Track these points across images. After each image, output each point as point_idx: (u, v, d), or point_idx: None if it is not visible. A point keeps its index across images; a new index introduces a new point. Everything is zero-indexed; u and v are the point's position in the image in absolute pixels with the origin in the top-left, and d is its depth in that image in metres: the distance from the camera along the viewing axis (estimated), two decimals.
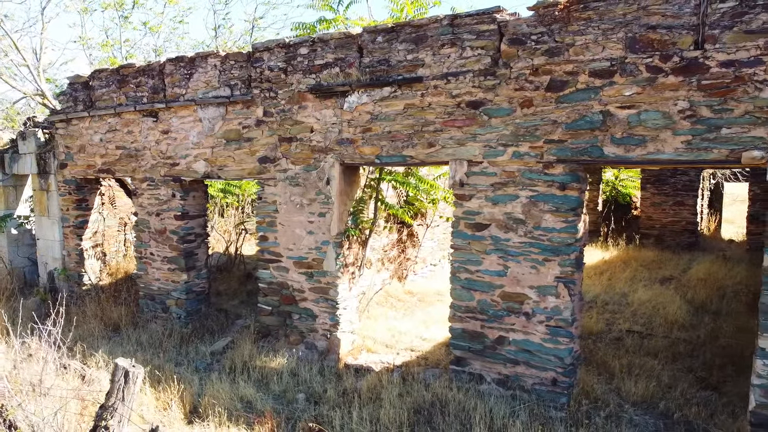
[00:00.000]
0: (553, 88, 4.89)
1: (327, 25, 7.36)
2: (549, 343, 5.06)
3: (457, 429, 4.81)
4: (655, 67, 4.45)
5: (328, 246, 6.30)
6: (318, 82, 6.22)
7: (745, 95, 4.14)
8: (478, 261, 5.37)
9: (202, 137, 7.23)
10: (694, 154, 4.34)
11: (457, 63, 5.35)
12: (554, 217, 4.97)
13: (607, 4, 4.62)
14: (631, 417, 4.98)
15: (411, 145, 5.67)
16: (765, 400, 4.19)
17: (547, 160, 4.96)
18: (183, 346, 7.29)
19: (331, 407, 5.34)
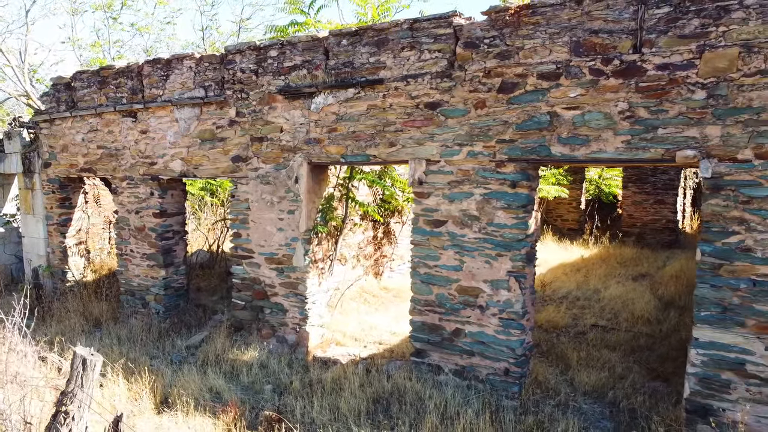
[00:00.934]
0: (505, 90, 5.09)
1: (299, 28, 7.56)
2: (502, 335, 5.26)
3: (412, 417, 5.02)
4: (597, 69, 4.65)
5: (297, 242, 6.51)
6: (287, 84, 6.42)
7: (679, 97, 4.34)
8: (436, 256, 5.57)
9: (179, 137, 7.43)
10: (633, 153, 4.54)
11: (416, 65, 5.55)
12: (506, 214, 5.17)
13: (553, 9, 4.82)
14: (580, 406, 5.19)
15: (374, 144, 5.87)
16: (698, 388, 4.39)
17: (499, 159, 5.16)
18: (160, 341, 7.50)
19: (295, 397, 5.54)
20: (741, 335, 4.21)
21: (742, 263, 4.18)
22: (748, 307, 4.17)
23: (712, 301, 4.30)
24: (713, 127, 4.22)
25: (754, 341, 4.17)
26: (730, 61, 4.14)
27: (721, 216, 4.23)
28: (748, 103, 4.10)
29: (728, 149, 4.18)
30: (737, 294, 4.20)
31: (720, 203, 4.23)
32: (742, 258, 4.17)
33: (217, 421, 5.18)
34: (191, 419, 5.28)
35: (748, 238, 4.14)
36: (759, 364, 4.16)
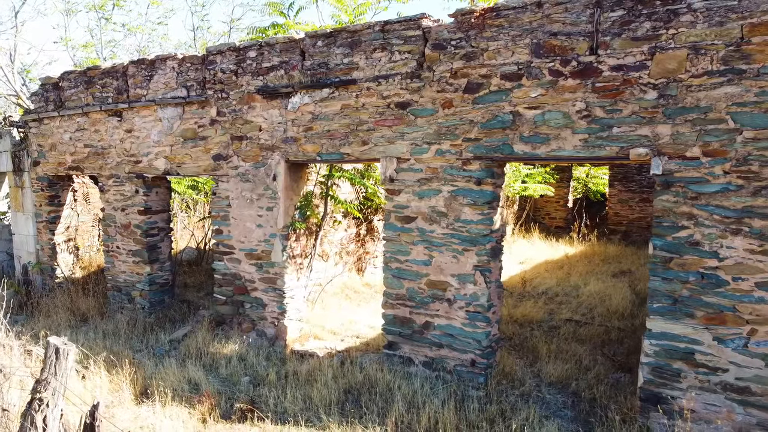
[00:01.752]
0: (470, 90, 5.26)
1: (280, 30, 7.72)
2: (468, 328, 5.43)
3: (381, 406, 5.19)
4: (557, 70, 4.82)
5: (275, 238, 6.68)
6: (265, 84, 6.58)
7: (632, 97, 4.51)
8: (407, 251, 5.74)
9: (162, 136, 7.60)
10: (590, 151, 4.71)
11: (387, 66, 5.72)
12: (472, 210, 5.34)
13: (516, 12, 4.98)
14: (543, 396, 5.36)
15: (347, 143, 6.04)
16: (651, 377, 4.56)
17: (465, 157, 5.33)
18: (145, 335, 7.67)
19: (270, 389, 5.71)
20: (690, 326, 4.38)
21: (691, 257, 4.35)
22: (696, 299, 4.34)
23: (663, 294, 4.47)
24: (664, 126, 4.39)
25: (703, 332, 4.34)
26: (679, 63, 4.30)
27: (672, 211, 4.40)
28: (696, 102, 4.27)
29: (678, 147, 4.35)
30: (687, 286, 4.37)
31: (670, 199, 4.39)
32: (691, 252, 4.34)
33: (193, 411, 5.35)
34: (168, 409, 5.45)
35: (697, 233, 4.31)
36: (707, 354, 4.33)
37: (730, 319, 4.23)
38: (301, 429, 4.94)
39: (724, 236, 4.21)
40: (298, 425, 4.98)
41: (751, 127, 4.09)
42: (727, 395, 4.27)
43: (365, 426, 4.83)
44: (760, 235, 4.09)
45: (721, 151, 4.20)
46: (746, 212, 4.13)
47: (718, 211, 4.23)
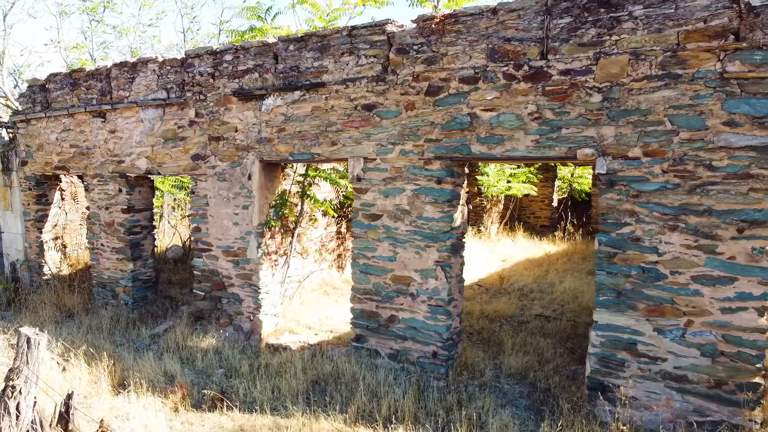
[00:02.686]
0: (431, 93, 5.49)
1: (258, 33, 7.95)
2: (430, 321, 5.66)
3: (345, 396, 5.42)
4: (510, 74, 5.04)
5: (250, 236, 6.91)
6: (241, 86, 6.81)
7: (579, 100, 4.73)
8: (374, 248, 5.97)
9: (144, 136, 7.83)
10: (541, 152, 4.93)
11: (355, 70, 5.95)
12: (433, 208, 5.57)
13: (473, 18, 5.21)
14: (502, 386, 5.58)
15: (318, 143, 6.27)
16: (598, 367, 4.79)
17: (427, 157, 5.56)
18: (128, 330, 7.89)
19: (242, 380, 5.94)
20: (633, 318, 4.60)
21: (633, 252, 4.57)
22: (638, 292, 4.57)
23: (608, 287, 4.69)
24: (608, 128, 4.62)
25: (644, 323, 4.56)
26: (621, 67, 4.53)
27: (615, 208, 4.62)
28: (637, 105, 4.49)
29: (621, 148, 4.57)
30: (629, 280, 4.60)
31: (614, 197, 4.62)
32: (632, 247, 4.57)
33: (166, 401, 5.58)
34: (143, 399, 5.68)
35: (638, 229, 4.54)
36: (648, 344, 4.56)
37: (669, 311, 4.46)
38: (266, 417, 5.17)
39: (663, 232, 4.44)
40: (264, 413, 5.21)
41: (687, 128, 4.31)
42: (666, 383, 4.50)
43: (327, 414, 5.06)
44: (696, 231, 4.32)
45: (659, 152, 4.42)
46: (682, 209, 4.36)
47: (657, 209, 4.45)
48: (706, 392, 4.35)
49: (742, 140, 4.12)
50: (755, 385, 4.19)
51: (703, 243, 4.30)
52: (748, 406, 4.20)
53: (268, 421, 5.10)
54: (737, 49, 4.10)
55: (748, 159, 4.12)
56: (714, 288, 4.28)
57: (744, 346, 4.20)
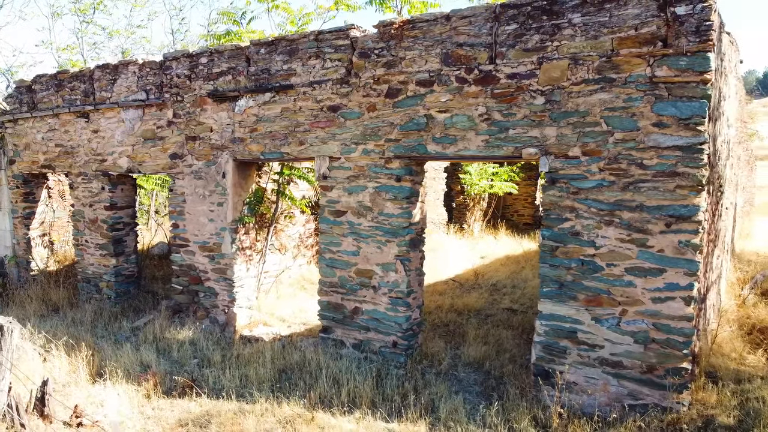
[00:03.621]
0: (391, 95, 5.76)
1: (234, 37, 8.22)
2: (391, 312, 5.94)
3: (309, 383, 5.70)
4: (462, 78, 5.32)
5: (225, 232, 7.19)
6: (215, 88, 7.09)
7: (524, 102, 5.01)
8: (339, 243, 6.25)
9: (125, 136, 8.10)
10: (490, 151, 5.21)
11: (321, 72, 6.22)
12: (393, 205, 5.85)
13: (429, 24, 5.49)
14: (458, 374, 5.87)
15: (287, 143, 6.55)
16: (542, 354, 5.07)
17: (387, 156, 5.84)
18: (110, 323, 8.17)
19: (213, 369, 6.22)
20: (573, 308, 4.88)
21: (573, 245, 4.85)
22: (578, 283, 4.85)
23: (551, 279, 4.97)
24: (550, 128, 4.89)
25: (583, 312, 4.84)
26: (562, 72, 4.80)
27: (557, 205, 4.90)
28: (576, 107, 4.77)
29: (562, 147, 4.85)
30: (570, 272, 4.88)
31: (556, 194, 4.90)
32: (573, 241, 4.85)
33: (139, 388, 5.87)
34: (118, 387, 5.96)
35: (578, 224, 4.82)
36: (587, 332, 4.84)
37: (606, 301, 4.74)
38: (232, 403, 5.45)
39: (600, 227, 4.72)
40: (231, 399, 5.49)
41: (621, 129, 4.59)
42: (604, 369, 4.78)
43: (289, 400, 5.34)
44: (629, 225, 4.60)
45: (596, 151, 4.70)
46: (617, 205, 4.64)
47: (594, 205, 4.73)
48: (639, 377, 4.64)
49: (670, 140, 4.40)
50: (683, 369, 4.47)
51: (636, 237, 4.58)
52: (677, 389, 4.48)
53: (234, 406, 5.38)
54: (664, 55, 4.38)
55: (675, 158, 4.39)
56: (645, 279, 4.56)
57: (672, 333, 4.49)
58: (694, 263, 4.37)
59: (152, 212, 12.70)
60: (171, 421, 5.34)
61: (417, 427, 4.86)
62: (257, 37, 7.68)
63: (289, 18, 7.63)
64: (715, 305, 6.47)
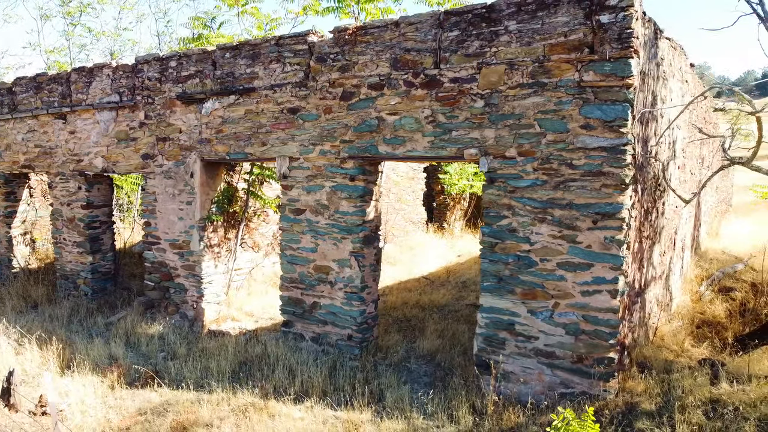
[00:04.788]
0: (345, 98, 6.00)
1: (205, 41, 8.46)
2: (346, 306, 6.18)
3: (266, 374, 5.95)
4: (410, 82, 5.56)
5: (193, 229, 7.43)
6: (184, 91, 7.33)
7: (466, 105, 5.25)
8: (298, 240, 6.49)
9: (100, 137, 8.35)
10: (435, 152, 5.45)
11: (281, 76, 6.47)
12: (348, 203, 6.09)
13: (379, 30, 5.73)
14: (410, 366, 6.11)
15: (250, 144, 6.79)
16: (484, 346, 5.31)
17: (342, 157, 6.08)
18: (86, 319, 8.41)
19: (177, 362, 6.47)
20: (511, 301, 5.12)
21: (510, 242, 5.09)
22: (515, 277, 5.09)
23: (491, 274, 5.22)
24: (489, 130, 5.14)
25: (520, 305, 5.08)
26: (499, 76, 5.05)
27: (495, 203, 5.14)
28: (512, 110, 5.01)
29: (500, 148, 5.09)
30: (508, 267, 5.12)
31: (494, 192, 5.14)
32: (510, 237, 5.09)
33: (105, 379, 6.11)
34: (85, 378, 6.20)
35: (514, 221, 5.06)
36: (524, 324, 5.08)
37: (540, 294, 4.98)
38: (191, 392, 5.69)
39: (534, 224, 4.96)
40: (189, 389, 5.73)
41: (552, 131, 4.83)
42: (539, 359, 5.02)
43: (245, 390, 5.58)
44: (560, 222, 4.84)
45: (531, 152, 4.94)
46: (549, 203, 4.88)
47: (529, 203, 4.97)
48: (570, 366, 4.88)
49: (596, 142, 4.64)
50: (609, 359, 4.72)
51: (566, 233, 4.82)
52: (604, 378, 4.72)
53: (192, 396, 5.63)
54: (591, 60, 4.62)
55: (601, 158, 4.63)
56: (575, 273, 4.80)
57: (600, 324, 4.73)
58: (619, 258, 4.61)
59: (135, 211, 12.94)
60: (131, 410, 5.59)
61: (363, 415, 5.11)
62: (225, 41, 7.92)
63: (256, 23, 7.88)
64: (662, 300, 6.71)
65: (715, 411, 4.33)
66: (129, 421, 5.38)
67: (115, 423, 5.35)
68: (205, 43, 8.54)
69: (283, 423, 4.99)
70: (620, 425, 4.38)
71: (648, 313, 5.98)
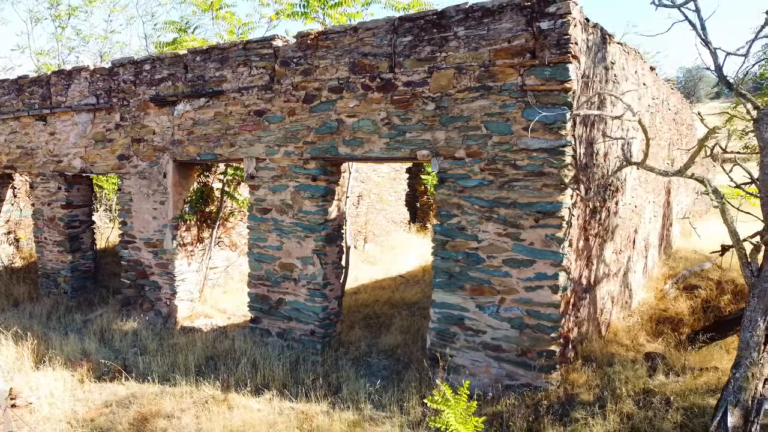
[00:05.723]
0: (307, 101, 6.20)
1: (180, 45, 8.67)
2: (309, 302, 6.38)
3: (230, 367, 6.14)
4: (367, 85, 5.76)
5: (166, 228, 7.62)
6: (157, 93, 7.53)
7: (418, 108, 5.45)
8: (265, 238, 6.69)
9: (78, 138, 8.55)
10: (391, 153, 5.65)
11: (248, 79, 6.66)
12: (311, 203, 6.29)
13: (339, 35, 5.93)
14: (371, 360, 6.30)
15: (219, 145, 6.99)
16: (436, 340, 5.50)
17: (305, 158, 6.27)
18: (65, 316, 8.60)
19: (147, 357, 6.66)
20: (461, 296, 5.32)
21: (459, 239, 5.29)
22: (465, 274, 5.28)
23: (442, 270, 5.41)
24: (440, 132, 5.33)
25: (469, 301, 5.28)
26: (449, 80, 5.24)
27: (446, 202, 5.34)
28: (461, 113, 5.21)
29: (449, 149, 5.29)
30: (458, 264, 5.31)
31: (445, 192, 5.34)
32: (459, 235, 5.28)
33: (75, 373, 6.30)
34: (56, 373, 6.39)
35: (463, 220, 5.25)
36: (473, 319, 5.27)
37: (487, 290, 5.17)
38: (156, 386, 5.88)
39: (481, 222, 5.15)
40: (155, 383, 5.92)
41: (498, 133, 5.03)
42: (486, 353, 5.21)
43: (207, 383, 5.77)
44: (505, 221, 5.03)
45: (478, 153, 5.14)
46: (495, 202, 5.07)
47: (477, 202, 5.17)
48: (515, 359, 5.07)
49: (537, 143, 4.84)
50: (551, 352, 4.91)
51: (511, 231, 5.01)
52: (546, 370, 4.91)
53: (157, 389, 5.82)
54: (532, 65, 4.82)
55: (542, 159, 4.83)
56: (519, 270, 4.99)
57: (542, 319, 4.92)
58: (559, 255, 4.80)
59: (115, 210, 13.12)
60: (98, 402, 5.78)
61: (319, 406, 5.30)
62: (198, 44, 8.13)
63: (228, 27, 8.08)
64: (619, 297, 6.90)
65: (647, 401, 4.52)
66: (94, 413, 5.58)
67: (81, 414, 5.55)
68: (179, 47, 8.74)
69: (240, 414, 5.19)
70: (556, 414, 4.57)
71: (600, 309, 6.17)
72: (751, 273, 3.76)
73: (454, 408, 3.21)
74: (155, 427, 5.19)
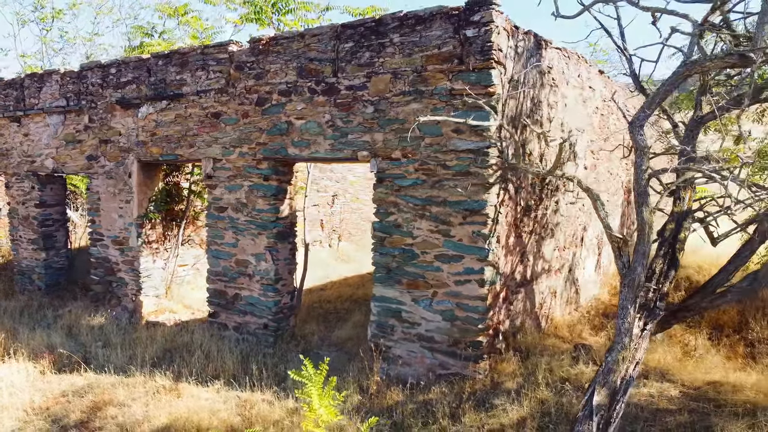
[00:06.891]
0: (260, 103, 6.47)
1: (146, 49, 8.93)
2: (263, 297, 6.65)
3: (186, 359, 6.41)
4: (313, 89, 6.02)
5: (132, 226, 7.89)
6: (122, 96, 7.79)
7: (359, 111, 5.71)
8: (222, 236, 6.95)
9: (50, 139, 8.81)
10: (334, 154, 5.91)
11: (206, 83, 6.93)
12: (263, 201, 6.55)
13: (288, 41, 6.19)
14: (321, 352, 6.56)
15: (180, 146, 7.25)
16: (376, 332, 5.77)
17: (258, 158, 6.54)
18: (37, 312, 8.87)
19: (108, 350, 6.92)
20: (398, 290, 5.58)
21: (396, 236, 5.55)
22: (401, 269, 5.54)
23: (381, 265, 5.67)
24: (378, 134, 5.60)
25: (406, 294, 5.54)
26: (386, 84, 5.51)
27: (384, 201, 5.60)
28: (396, 115, 5.47)
29: (387, 150, 5.55)
30: (395, 259, 5.58)
31: (383, 191, 5.60)
32: (396, 232, 5.55)
33: (38, 365, 6.57)
34: (20, 365, 6.66)
35: (399, 217, 5.52)
36: (409, 312, 5.54)
37: (421, 284, 5.44)
38: (113, 376, 6.15)
39: (415, 220, 5.42)
40: (112, 374, 6.19)
41: (429, 135, 5.29)
42: (421, 344, 5.48)
43: (161, 374, 6.04)
44: (436, 218, 5.30)
45: (412, 153, 5.40)
46: (428, 201, 5.34)
47: (411, 200, 5.43)
48: (447, 350, 5.33)
49: (465, 145, 5.10)
50: (478, 343, 5.17)
51: (442, 228, 5.28)
52: (474, 360, 5.17)
53: (113, 380, 6.09)
54: (460, 71, 5.08)
55: (469, 160, 5.09)
56: (450, 265, 5.26)
57: (470, 311, 5.18)
58: (485, 250, 5.07)
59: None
60: (56, 392, 6.05)
61: (263, 395, 5.56)
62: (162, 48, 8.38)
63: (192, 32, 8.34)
64: (563, 292, 7.16)
65: (563, 388, 4.78)
66: (51, 402, 5.85)
67: (38, 403, 5.82)
68: (145, 52, 9.00)
69: (186, 402, 5.45)
70: (479, 401, 4.84)
71: (540, 303, 6.44)
72: (623, 265, 4.02)
73: (315, 383, 3.65)
74: (106, 414, 5.46)
